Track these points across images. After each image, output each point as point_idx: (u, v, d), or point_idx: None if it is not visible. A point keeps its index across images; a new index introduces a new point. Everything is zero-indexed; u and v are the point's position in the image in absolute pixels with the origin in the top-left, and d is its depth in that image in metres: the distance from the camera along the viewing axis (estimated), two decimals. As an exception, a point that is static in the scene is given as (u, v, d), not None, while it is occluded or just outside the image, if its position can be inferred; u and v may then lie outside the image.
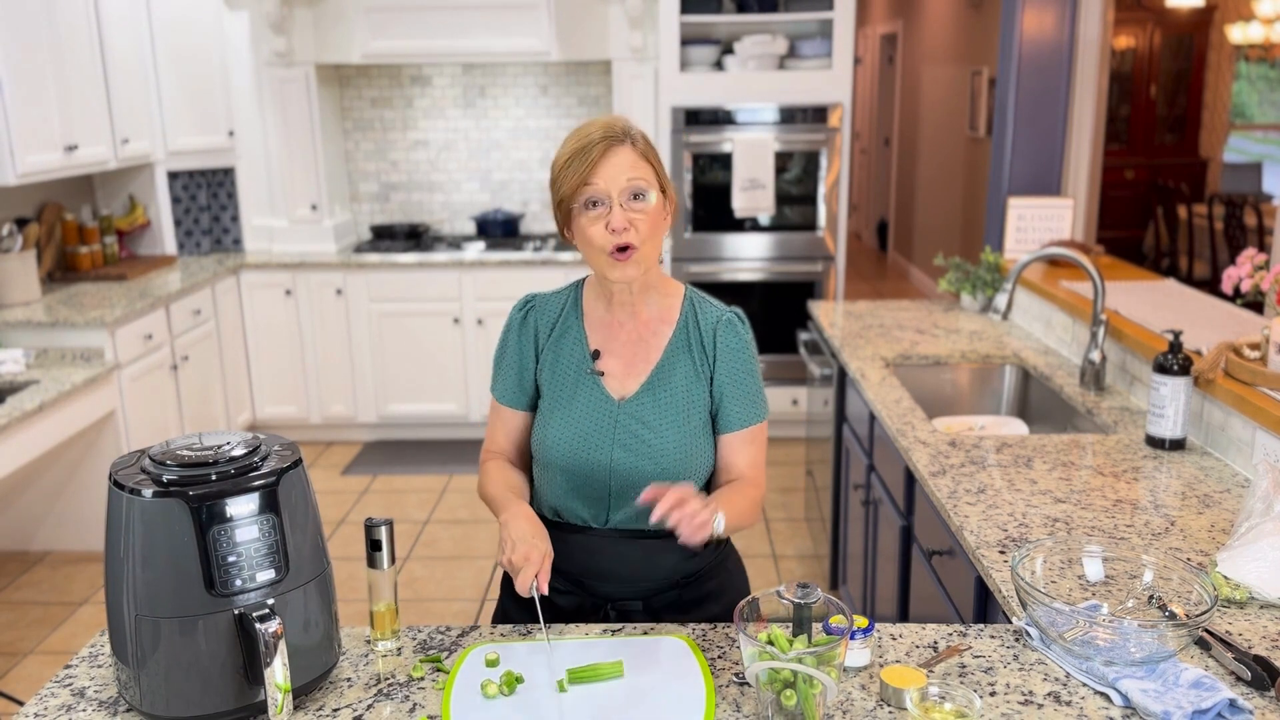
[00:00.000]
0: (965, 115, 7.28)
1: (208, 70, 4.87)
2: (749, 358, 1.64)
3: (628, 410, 1.60)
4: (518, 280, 4.93)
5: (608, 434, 1.59)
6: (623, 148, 1.51)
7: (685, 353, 1.62)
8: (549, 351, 1.65)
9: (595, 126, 1.53)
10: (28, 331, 3.80)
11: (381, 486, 4.71)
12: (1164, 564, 1.50)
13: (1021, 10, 3.91)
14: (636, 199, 1.51)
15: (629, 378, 1.62)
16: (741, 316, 1.66)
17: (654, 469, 1.58)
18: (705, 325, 1.63)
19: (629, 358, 1.62)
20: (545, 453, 1.63)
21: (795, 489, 4.59)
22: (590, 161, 1.49)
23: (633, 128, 1.55)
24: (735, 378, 1.62)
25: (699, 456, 1.61)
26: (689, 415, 1.60)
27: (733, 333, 1.63)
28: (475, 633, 1.54)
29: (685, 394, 1.61)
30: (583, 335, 1.64)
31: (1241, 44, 8.64)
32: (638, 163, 1.52)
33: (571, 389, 1.62)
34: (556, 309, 1.67)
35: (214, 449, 1.31)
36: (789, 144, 4.89)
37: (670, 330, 1.63)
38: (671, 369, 1.61)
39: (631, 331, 1.63)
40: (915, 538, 2.38)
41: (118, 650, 1.30)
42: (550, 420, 1.62)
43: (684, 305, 1.65)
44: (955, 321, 3.49)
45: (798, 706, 1.25)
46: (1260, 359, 2.19)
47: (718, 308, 1.65)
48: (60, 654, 3.36)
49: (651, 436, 1.59)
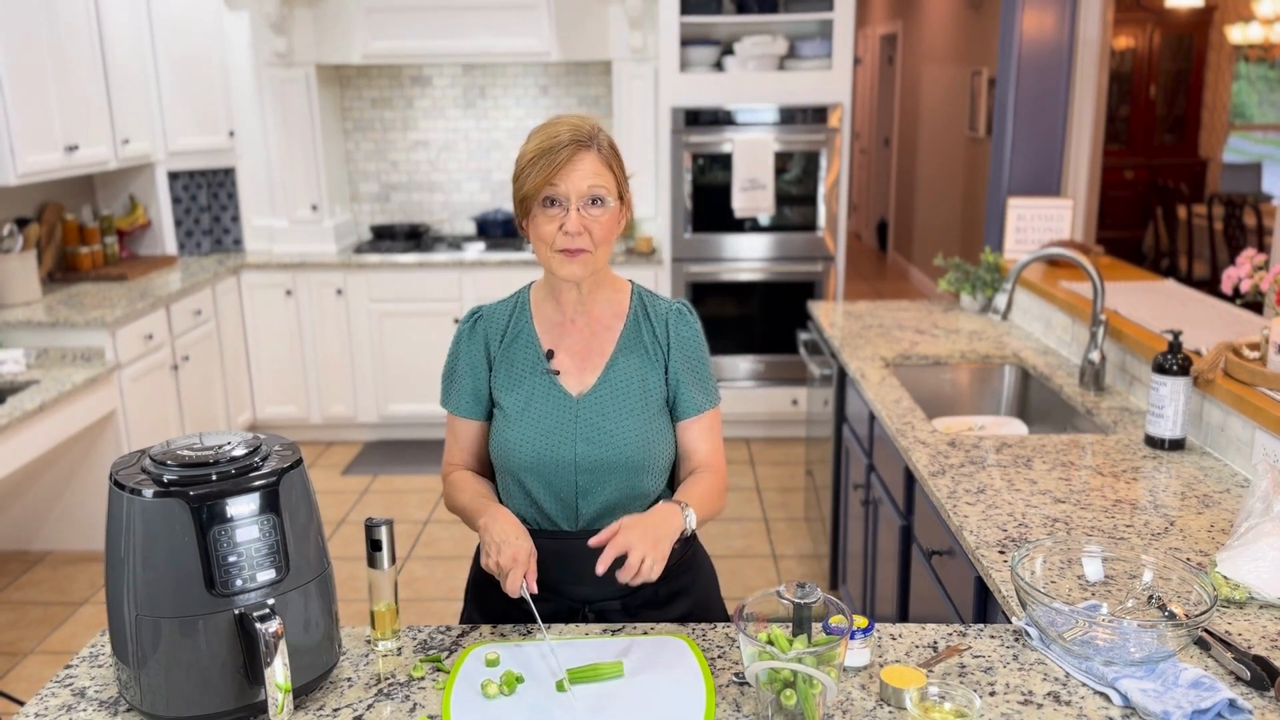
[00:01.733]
0: (965, 115, 7.28)
1: (208, 70, 4.87)
2: (700, 345, 1.69)
3: (586, 404, 1.62)
4: (518, 280, 4.93)
5: (569, 430, 1.61)
6: (588, 153, 1.53)
7: (638, 343, 1.66)
8: (501, 359, 1.67)
9: (563, 126, 1.54)
10: (28, 331, 3.80)
11: (381, 486, 4.71)
12: (1164, 564, 1.51)
13: (1021, 10, 3.91)
14: (594, 204, 1.54)
15: (585, 373, 1.64)
16: (690, 308, 1.72)
17: (617, 459, 1.60)
18: (656, 316, 1.67)
19: (583, 354, 1.65)
20: (508, 457, 1.63)
21: (795, 489, 4.59)
22: (555, 164, 1.51)
23: (600, 132, 1.56)
24: (690, 365, 1.67)
25: (659, 444, 1.64)
26: (646, 403, 1.63)
27: (684, 322, 1.68)
28: (475, 633, 1.54)
29: (641, 383, 1.64)
30: (534, 337, 1.66)
31: (1241, 44, 8.64)
32: (601, 170, 1.54)
33: (528, 391, 1.63)
34: (505, 316, 1.69)
35: (214, 449, 1.31)
36: (789, 144, 4.89)
37: (621, 324, 1.67)
38: (626, 360, 1.64)
39: (584, 328, 1.66)
40: (915, 538, 2.38)
41: (118, 650, 1.30)
42: (510, 424, 1.63)
43: (633, 300, 1.69)
44: (955, 321, 3.49)
45: (797, 706, 1.25)
46: (1260, 359, 2.19)
47: (666, 300, 1.70)
48: (60, 654, 3.36)
49: (612, 427, 1.61)
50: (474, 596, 1.76)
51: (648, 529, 1.46)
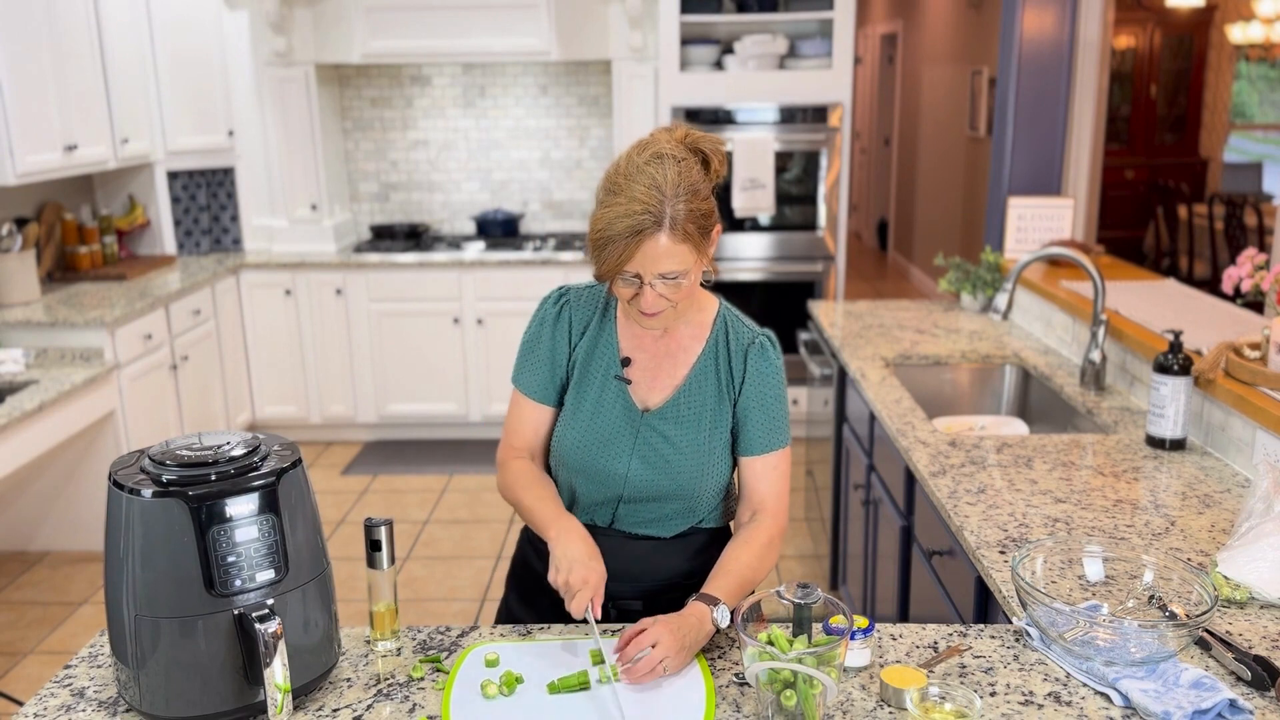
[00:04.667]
0: (965, 115, 7.28)
1: (207, 70, 4.87)
2: (778, 383, 1.61)
3: (650, 422, 1.59)
4: (518, 280, 4.93)
5: (628, 443, 1.59)
6: (661, 234, 1.41)
7: (713, 371, 1.61)
8: (582, 350, 1.62)
9: (639, 203, 1.41)
10: (27, 331, 3.80)
11: (381, 486, 4.71)
12: (1164, 564, 1.50)
13: (1021, 10, 3.91)
14: (670, 278, 1.46)
15: (655, 390, 1.60)
16: (774, 340, 1.64)
17: (669, 484, 1.58)
18: (736, 346, 1.61)
19: (656, 369, 1.61)
20: (562, 453, 1.62)
21: (795, 489, 4.59)
22: (627, 253, 1.42)
23: (677, 204, 1.42)
24: (762, 402, 1.60)
25: (714, 475, 1.61)
26: (711, 435, 1.59)
27: (763, 357, 1.61)
28: (475, 633, 1.54)
29: (710, 412, 1.59)
30: (615, 339, 1.62)
31: (1241, 44, 8.64)
32: (677, 250, 1.43)
33: (598, 392, 1.60)
34: (591, 306, 1.64)
35: (214, 449, 1.31)
36: (789, 144, 4.89)
37: (700, 347, 1.61)
38: (699, 386, 1.60)
39: (662, 344, 1.61)
40: (915, 538, 2.38)
41: (117, 650, 1.30)
42: (573, 421, 1.61)
43: (716, 322, 1.63)
44: (955, 321, 3.49)
45: (798, 707, 1.25)
46: (1260, 359, 2.18)
47: (750, 329, 1.63)
48: (60, 654, 3.36)
49: (671, 452, 1.58)
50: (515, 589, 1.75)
51: (680, 636, 1.38)
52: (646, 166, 1.44)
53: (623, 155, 1.48)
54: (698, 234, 1.46)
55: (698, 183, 1.46)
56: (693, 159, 1.47)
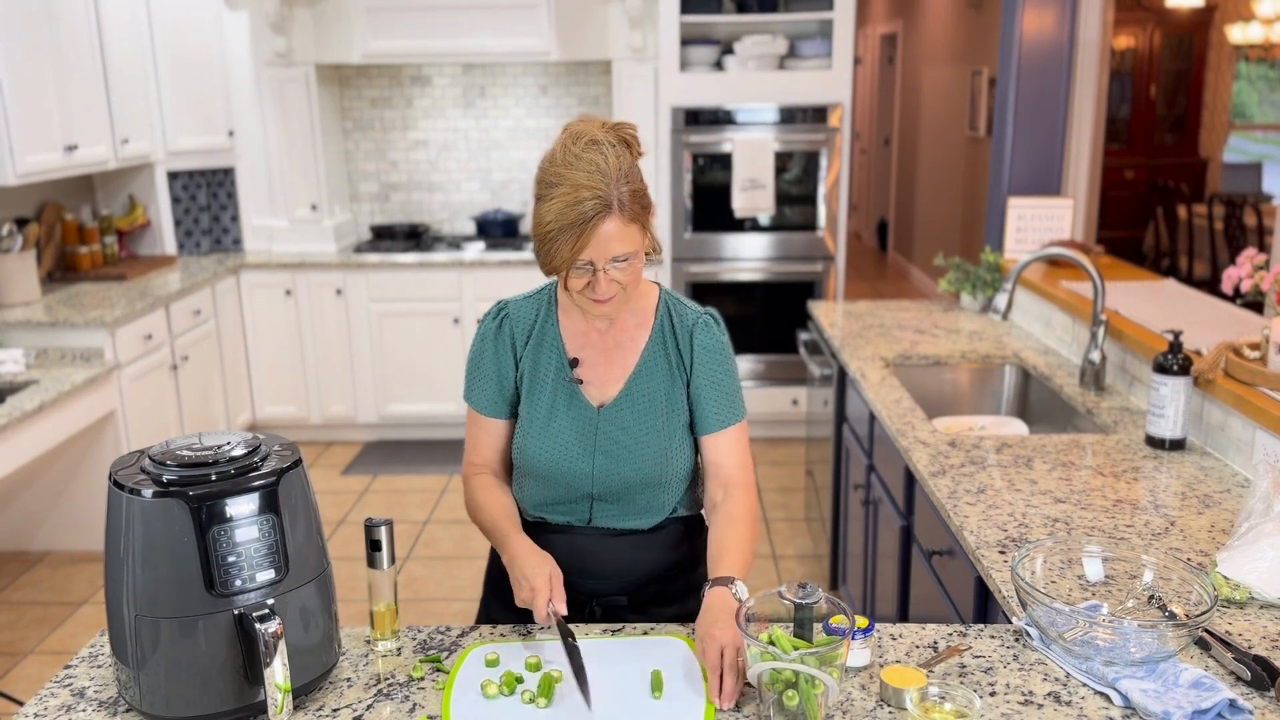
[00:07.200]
0: (965, 115, 7.28)
1: (207, 70, 4.87)
2: (726, 358, 1.64)
3: (607, 417, 1.60)
4: (518, 280, 4.93)
5: (588, 443, 1.60)
6: (611, 217, 1.43)
7: (662, 355, 1.62)
8: (527, 359, 1.64)
9: (584, 189, 1.41)
10: (28, 331, 3.80)
11: (381, 486, 4.71)
12: (1164, 564, 1.50)
13: (1021, 10, 3.91)
14: (620, 260, 1.48)
15: (607, 383, 1.62)
16: (717, 317, 1.66)
17: (634, 474, 1.60)
18: (681, 326, 1.63)
19: (607, 364, 1.62)
20: (525, 462, 1.63)
21: (795, 489, 4.59)
22: (582, 240, 1.43)
23: (621, 187, 1.44)
24: (713, 378, 1.62)
25: (678, 459, 1.62)
26: (668, 418, 1.61)
27: (709, 333, 1.63)
28: (475, 633, 1.54)
29: (664, 396, 1.61)
30: (559, 342, 1.63)
31: (1241, 44, 8.64)
32: (625, 231, 1.45)
33: (550, 399, 1.61)
34: (531, 315, 1.65)
35: (214, 449, 1.31)
36: (789, 144, 4.89)
37: (646, 334, 1.63)
38: (649, 372, 1.62)
39: (608, 336, 1.63)
40: (915, 538, 2.38)
41: (117, 650, 1.30)
42: (530, 430, 1.62)
43: (659, 306, 1.65)
44: (955, 321, 3.49)
45: (799, 707, 1.25)
46: (1260, 359, 2.19)
47: (693, 309, 1.65)
48: (60, 654, 3.36)
49: (631, 442, 1.59)
50: (492, 591, 1.76)
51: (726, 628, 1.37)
52: (585, 154, 1.45)
53: (554, 149, 1.49)
54: (643, 213, 1.49)
55: (633, 164, 1.50)
56: (620, 144, 1.50)
